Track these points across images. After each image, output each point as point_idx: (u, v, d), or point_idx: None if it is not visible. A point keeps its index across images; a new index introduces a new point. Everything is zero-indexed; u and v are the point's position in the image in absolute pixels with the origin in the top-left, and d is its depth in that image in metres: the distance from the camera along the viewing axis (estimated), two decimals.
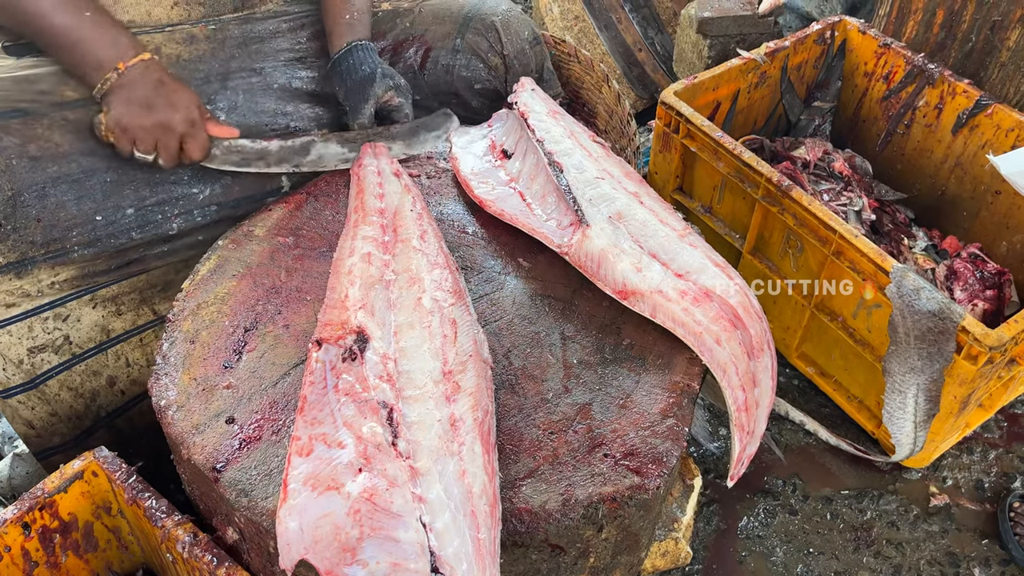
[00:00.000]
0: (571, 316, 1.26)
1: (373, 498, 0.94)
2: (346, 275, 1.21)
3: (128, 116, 1.29)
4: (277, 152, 1.44)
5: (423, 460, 0.99)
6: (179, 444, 1.10)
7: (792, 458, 1.79)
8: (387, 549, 0.92)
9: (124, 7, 1.40)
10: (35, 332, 1.34)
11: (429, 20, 1.67)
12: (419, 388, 1.07)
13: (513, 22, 1.67)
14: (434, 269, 1.23)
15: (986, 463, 1.80)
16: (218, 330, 1.23)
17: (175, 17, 1.45)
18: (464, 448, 1.01)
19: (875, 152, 2.11)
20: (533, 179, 1.42)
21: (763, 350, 1.21)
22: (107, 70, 1.28)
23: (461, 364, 1.11)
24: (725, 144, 1.72)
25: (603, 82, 2.02)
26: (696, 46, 2.36)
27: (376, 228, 1.30)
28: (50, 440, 1.42)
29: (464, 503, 0.96)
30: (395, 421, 1.02)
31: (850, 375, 1.76)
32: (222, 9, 1.50)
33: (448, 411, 1.05)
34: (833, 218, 1.56)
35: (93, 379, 1.42)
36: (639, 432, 1.10)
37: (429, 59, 1.66)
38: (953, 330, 1.42)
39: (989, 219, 1.90)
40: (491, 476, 1.01)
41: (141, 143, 1.31)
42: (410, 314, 1.16)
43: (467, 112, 1.70)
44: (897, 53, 1.97)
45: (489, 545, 0.95)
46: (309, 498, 0.95)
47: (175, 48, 1.44)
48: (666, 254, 1.25)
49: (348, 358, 1.08)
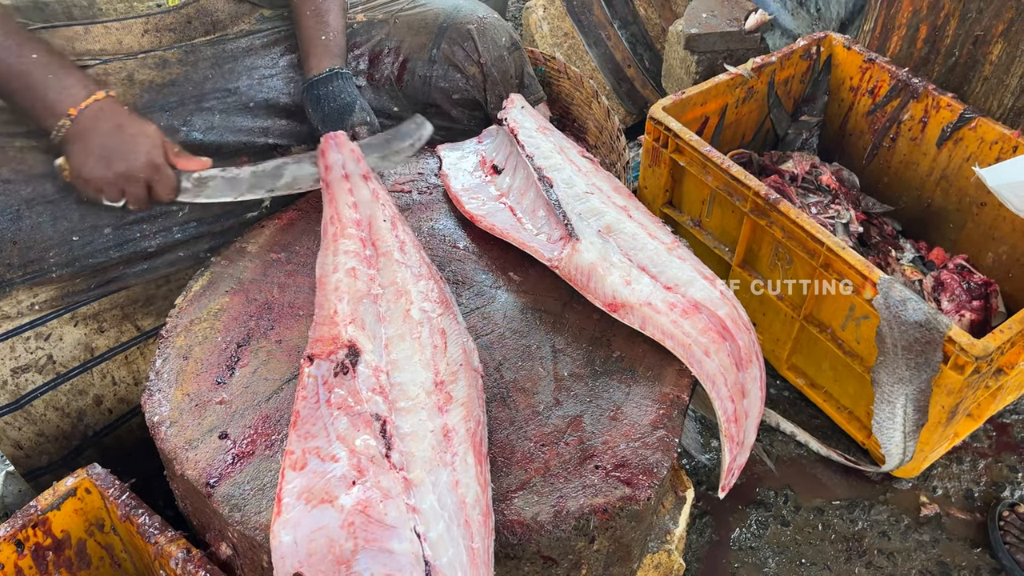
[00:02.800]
0: (562, 329, 1.27)
1: (367, 510, 0.95)
2: (333, 291, 1.21)
3: (88, 168, 1.26)
4: (249, 179, 1.41)
5: (416, 471, 1.00)
6: (172, 460, 1.10)
7: (784, 469, 1.80)
8: (381, 561, 0.92)
9: (95, 36, 1.39)
10: (17, 352, 1.34)
11: (404, 31, 1.65)
12: (411, 399, 1.08)
13: (489, 29, 1.66)
14: (419, 280, 1.24)
15: (976, 472, 1.82)
16: (211, 346, 1.23)
17: (146, 44, 1.44)
18: (457, 459, 1.02)
19: (862, 165, 2.13)
20: (523, 194, 1.44)
21: (751, 361, 1.22)
22: (59, 116, 1.25)
23: (452, 374, 1.12)
24: (713, 158, 1.74)
25: (593, 98, 2.05)
26: (684, 62, 2.39)
27: (356, 242, 1.30)
28: (39, 460, 1.42)
29: (458, 513, 0.97)
30: (388, 433, 1.03)
31: (840, 386, 1.77)
32: (193, 34, 1.49)
33: (441, 421, 1.06)
34: (821, 230, 1.58)
35: (79, 398, 1.41)
36: (630, 444, 1.11)
37: (406, 71, 1.65)
38: (940, 340, 1.43)
39: (975, 230, 1.92)
40: (484, 487, 1.02)
41: (106, 194, 1.29)
42: (400, 326, 1.17)
43: (447, 122, 1.70)
44: (882, 68, 1.99)
45: (483, 554, 0.96)
46: (303, 511, 0.95)
47: (148, 74, 1.44)
48: (655, 267, 1.26)
49: (340, 372, 1.09)
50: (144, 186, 1.30)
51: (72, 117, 1.25)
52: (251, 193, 1.41)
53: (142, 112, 1.42)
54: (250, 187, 1.41)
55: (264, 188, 1.41)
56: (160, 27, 1.44)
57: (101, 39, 1.40)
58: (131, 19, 1.41)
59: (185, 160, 1.35)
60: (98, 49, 1.40)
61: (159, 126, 1.39)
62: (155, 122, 1.42)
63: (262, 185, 1.41)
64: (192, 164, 1.35)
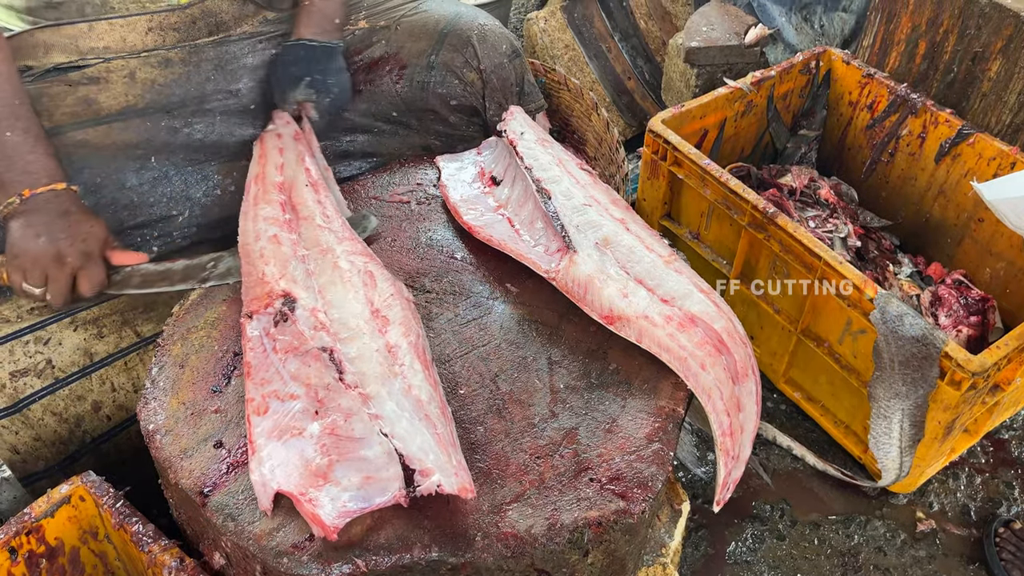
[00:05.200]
0: (558, 341, 1.27)
1: (335, 431, 1.03)
2: (259, 258, 1.26)
3: (18, 245, 1.23)
4: (181, 271, 1.36)
5: (371, 386, 1.08)
6: (167, 468, 1.10)
7: (780, 483, 1.80)
8: (356, 467, 1.00)
9: (99, 33, 1.40)
10: (16, 356, 1.35)
11: (405, 37, 1.66)
12: (352, 329, 1.16)
13: (490, 36, 1.66)
14: (343, 241, 1.29)
15: (972, 488, 1.81)
16: (208, 355, 1.24)
17: (150, 43, 1.45)
18: (405, 368, 1.11)
19: (860, 179, 2.14)
20: (521, 206, 1.44)
21: (747, 375, 1.22)
22: (11, 195, 1.23)
23: (385, 303, 1.20)
24: (712, 172, 1.74)
25: (592, 110, 2.06)
26: (684, 75, 2.40)
27: (276, 207, 1.32)
28: (35, 465, 1.42)
29: (416, 411, 1.06)
30: (337, 359, 1.11)
31: (837, 400, 1.77)
32: (197, 34, 1.50)
33: (383, 341, 1.15)
34: (818, 244, 1.59)
35: (77, 404, 1.41)
36: (625, 457, 1.11)
37: (404, 76, 1.66)
38: (936, 356, 1.43)
39: (972, 246, 1.92)
40: (434, 386, 1.12)
41: (29, 275, 1.23)
42: (330, 275, 1.23)
43: (445, 128, 1.71)
44: (880, 83, 2.00)
45: (448, 438, 1.05)
46: (276, 446, 1.03)
47: (150, 72, 1.44)
48: (652, 280, 1.26)
49: (280, 320, 1.16)
50: (69, 274, 1.24)
51: (24, 198, 1.23)
52: (183, 284, 1.35)
53: (144, 112, 1.43)
54: (182, 278, 1.36)
55: (195, 279, 1.36)
56: (164, 26, 1.45)
57: (105, 36, 1.41)
58: (136, 16, 1.41)
59: (121, 255, 1.31)
60: (102, 47, 1.40)
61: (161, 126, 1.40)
62: (156, 122, 1.43)
63: (194, 276, 1.36)
64: (129, 258, 1.32)
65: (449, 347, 1.26)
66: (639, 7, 2.79)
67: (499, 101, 1.70)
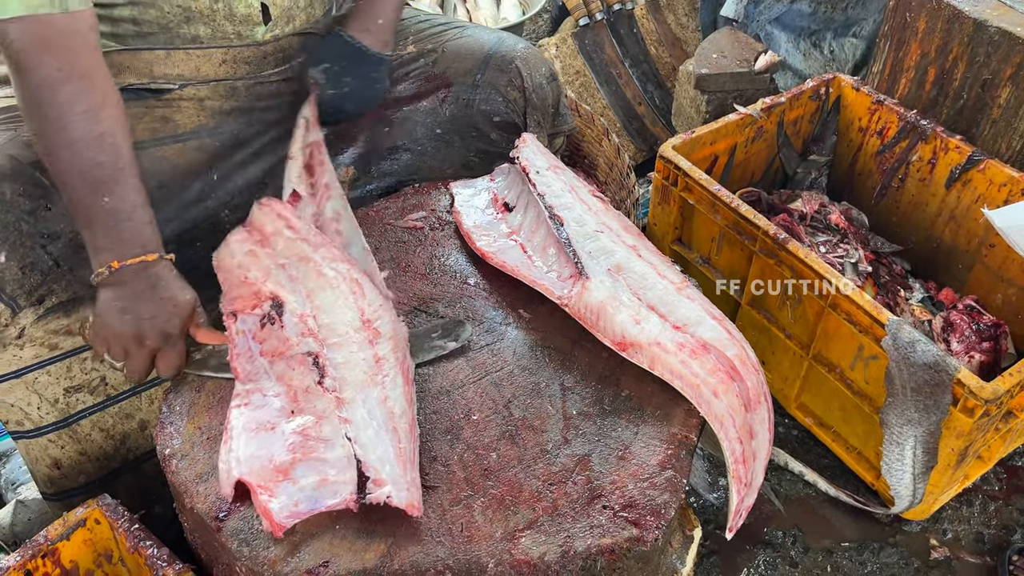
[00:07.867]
0: (571, 367, 1.28)
1: (305, 431, 1.08)
2: (238, 267, 1.24)
3: (104, 317, 1.21)
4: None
5: (349, 391, 1.12)
6: (183, 493, 1.11)
7: (792, 509, 1.79)
8: (315, 468, 1.04)
9: (175, 62, 1.43)
10: (73, 372, 1.37)
11: (451, 59, 1.73)
12: (341, 336, 1.18)
13: (532, 59, 1.74)
14: (319, 249, 1.27)
15: (986, 515, 1.80)
16: (224, 379, 1.24)
17: (222, 73, 1.49)
18: (387, 379, 1.14)
19: (871, 205, 2.14)
20: (534, 232, 1.45)
21: (760, 402, 1.23)
22: (102, 264, 1.20)
23: (376, 314, 1.21)
24: (722, 197, 1.75)
25: (603, 135, 2.07)
26: (694, 101, 2.42)
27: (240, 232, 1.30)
28: (76, 480, 1.44)
29: (386, 422, 1.09)
30: (321, 364, 1.14)
31: (849, 426, 1.77)
32: (265, 67, 1.54)
33: (372, 352, 1.17)
34: (829, 270, 1.59)
35: (125, 421, 1.45)
36: (638, 484, 1.11)
37: (450, 95, 1.72)
38: (949, 382, 1.43)
39: (984, 271, 1.92)
40: (410, 403, 1.14)
41: (111, 349, 1.23)
42: (316, 282, 1.23)
43: (486, 145, 1.76)
44: (890, 109, 2.01)
45: (409, 454, 1.08)
46: (248, 438, 1.08)
47: (218, 101, 1.49)
48: (664, 306, 1.27)
49: (267, 323, 1.17)
50: (147, 355, 1.23)
51: (112, 269, 1.19)
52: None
53: (213, 132, 1.48)
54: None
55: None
56: (238, 59, 1.49)
57: (180, 65, 1.44)
58: (212, 48, 1.45)
59: (204, 333, 1.28)
60: (175, 74, 1.44)
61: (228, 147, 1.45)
62: (223, 143, 1.48)
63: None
64: (210, 338, 1.28)
65: (462, 372, 1.27)
66: (649, 34, 2.82)
67: (537, 119, 1.76)
